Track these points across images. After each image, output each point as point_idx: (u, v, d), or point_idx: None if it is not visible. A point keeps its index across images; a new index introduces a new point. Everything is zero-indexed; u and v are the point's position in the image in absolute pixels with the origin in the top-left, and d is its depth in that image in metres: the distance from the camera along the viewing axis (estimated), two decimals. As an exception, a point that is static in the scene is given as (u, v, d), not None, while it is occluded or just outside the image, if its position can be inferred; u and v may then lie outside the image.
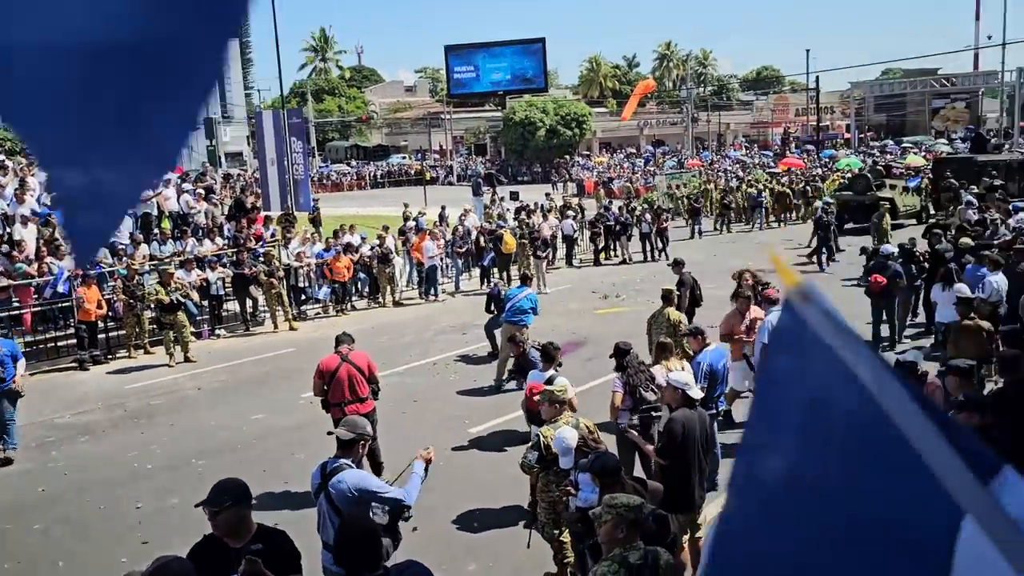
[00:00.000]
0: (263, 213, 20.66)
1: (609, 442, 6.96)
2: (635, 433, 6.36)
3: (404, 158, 65.17)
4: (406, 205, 27.28)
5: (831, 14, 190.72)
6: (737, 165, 46.17)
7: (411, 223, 21.01)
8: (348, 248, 17.96)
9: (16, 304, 14.45)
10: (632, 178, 42.46)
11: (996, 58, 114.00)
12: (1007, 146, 38.47)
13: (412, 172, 55.67)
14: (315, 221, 23.18)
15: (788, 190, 29.77)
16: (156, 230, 17.72)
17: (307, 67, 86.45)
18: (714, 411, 7.97)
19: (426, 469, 5.45)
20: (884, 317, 12.70)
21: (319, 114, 70.33)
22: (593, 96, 79.04)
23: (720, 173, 40.42)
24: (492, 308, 13.26)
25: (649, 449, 6.14)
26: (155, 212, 18.10)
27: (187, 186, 19.83)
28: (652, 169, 47.17)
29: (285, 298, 16.47)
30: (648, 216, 23.54)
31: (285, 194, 21.96)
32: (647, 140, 69.69)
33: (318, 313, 17.67)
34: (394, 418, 10.63)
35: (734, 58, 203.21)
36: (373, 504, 5.12)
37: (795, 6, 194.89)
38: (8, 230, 15.59)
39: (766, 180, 33.81)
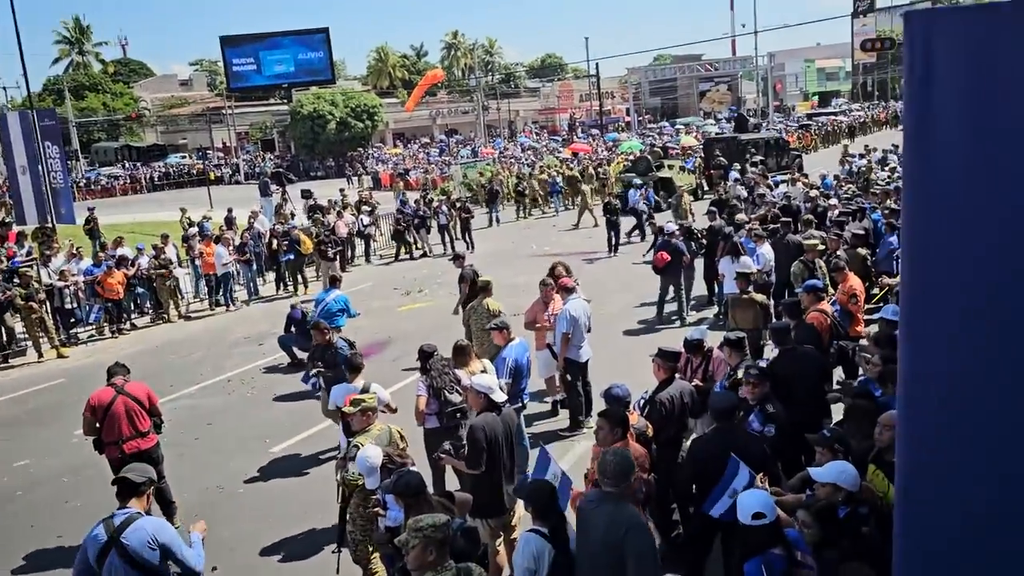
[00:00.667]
0: (16, 228, 18.34)
1: (420, 449, 6.71)
2: (448, 457, 6.15)
3: (184, 157, 60.98)
4: (183, 210, 25.47)
5: (608, 2, 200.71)
6: (529, 152, 47.31)
7: (194, 229, 19.50)
8: (122, 262, 16.32)
9: None
10: (428, 169, 42.31)
11: (751, 44, 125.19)
12: (764, 124, 42.31)
13: (194, 172, 52.16)
14: (92, 232, 20.87)
15: (578, 174, 30.87)
16: None
17: (62, 61, 78.44)
18: (519, 405, 7.95)
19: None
20: (672, 293, 13.39)
21: (81, 113, 64.22)
22: (383, 87, 78.02)
23: (512, 160, 41.21)
24: (292, 329, 12.57)
25: (460, 464, 5.96)
26: None
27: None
28: (447, 159, 47.26)
29: (49, 323, 14.70)
30: (445, 207, 23.43)
31: (43, 205, 19.67)
32: (440, 130, 69.87)
33: (91, 336, 15.94)
34: (187, 446, 9.79)
35: (519, 46, 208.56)
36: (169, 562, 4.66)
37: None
38: None
39: (557, 166, 34.87)
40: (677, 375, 6.74)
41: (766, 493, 4.42)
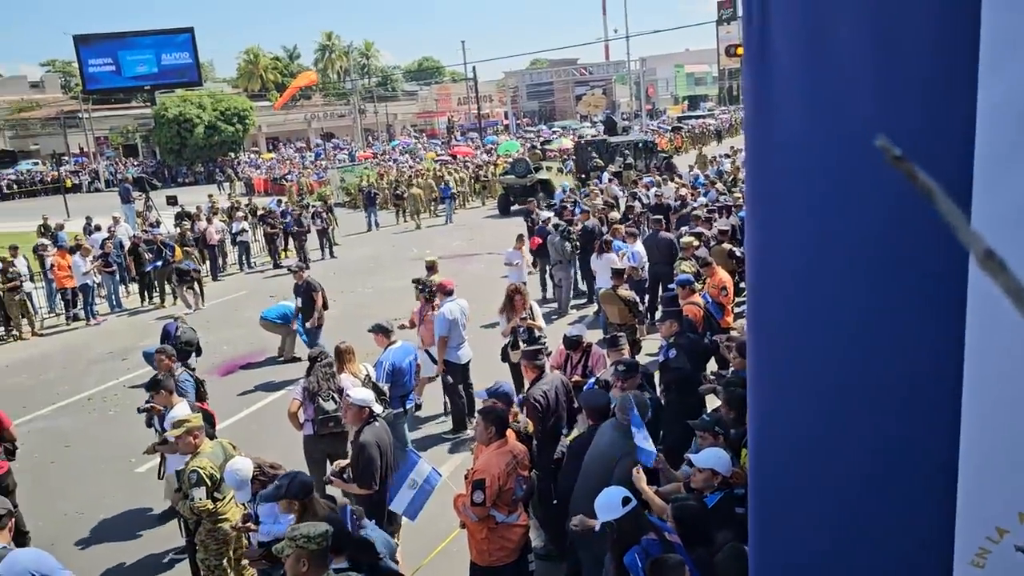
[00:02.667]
0: None
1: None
2: (339, 481, 5.94)
3: (36, 163, 57.02)
4: (45, 219, 23.88)
5: (483, 7, 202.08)
6: (407, 155, 46.94)
7: (46, 240, 18.20)
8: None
9: None
10: (303, 173, 41.26)
11: (623, 49, 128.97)
12: (635, 128, 43.57)
13: (48, 180, 48.85)
14: None
15: (462, 176, 30.91)
16: None
17: None
18: (401, 409, 7.81)
19: None
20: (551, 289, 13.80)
21: (-84, 117, 59.09)
22: (254, 89, 75.53)
23: (391, 163, 40.77)
24: (165, 343, 11.92)
25: (354, 488, 5.75)
26: None
27: None
28: (324, 163, 46.24)
29: None
30: (323, 213, 22.89)
31: None
32: (316, 134, 68.35)
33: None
34: (42, 471, 9.13)
35: (396, 49, 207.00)
36: None
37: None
38: None
39: (437, 169, 34.73)
40: (554, 370, 6.79)
41: (620, 488, 4.46)
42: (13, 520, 4.69)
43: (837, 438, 2.53)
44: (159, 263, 17.61)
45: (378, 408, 5.98)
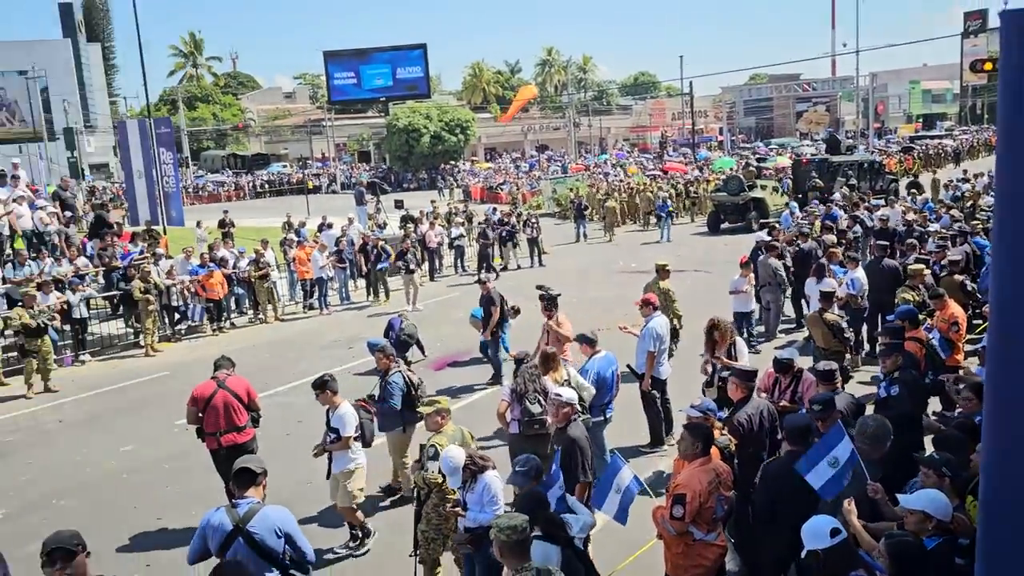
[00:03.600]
0: (129, 228, 19.48)
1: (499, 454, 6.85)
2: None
3: (285, 167, 63.37)
4: (288, 216, 26.49)
5: (703, 21, 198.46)
6: (619, 169, 47.19)
7: (292, 235, 20.27)
8: (223, 263, 17.15)
9: None
10: (517, 183, 42.74)
11: (852, 64, 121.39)
12: (860, 147, 40.97)
13: (294, 181, 54.19)
14: (227, 234, 21.58)
15: (671, 193, 30.70)
16: (9, 251, 16.43)
17: (177, 73, 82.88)
18: (601, 418, 7.99)
19: None
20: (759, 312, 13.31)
21: (192, 122, 67.58)
22: (476, 102, 79.27)
23: (601, 176, 41.20)
24: (388, 334, 12.96)
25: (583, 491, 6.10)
26: (7, 232, 16.73)
27: (41, 202, 18.42)
28: (537, 174, 47.62)
29: (156, 318, 15.58)
30: (534, 221, 23.69)
31: (155, 208, 20.87)
32: (531, 145, 70.47)
33: (194, 333, 16.79)
34: (277, 442, 10.18)
35: (613, 63, 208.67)
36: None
37: (669, 13, 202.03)
38: None
39: (649, 184, 34.63)
40: (761, 393, 6.67)
41: (829, 517, 4.32)
42: (266, 479, 5.24)
43: None
44: (384, 264, 19.05)
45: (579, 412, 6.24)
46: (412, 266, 18.23)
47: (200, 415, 7.69)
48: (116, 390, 13.27)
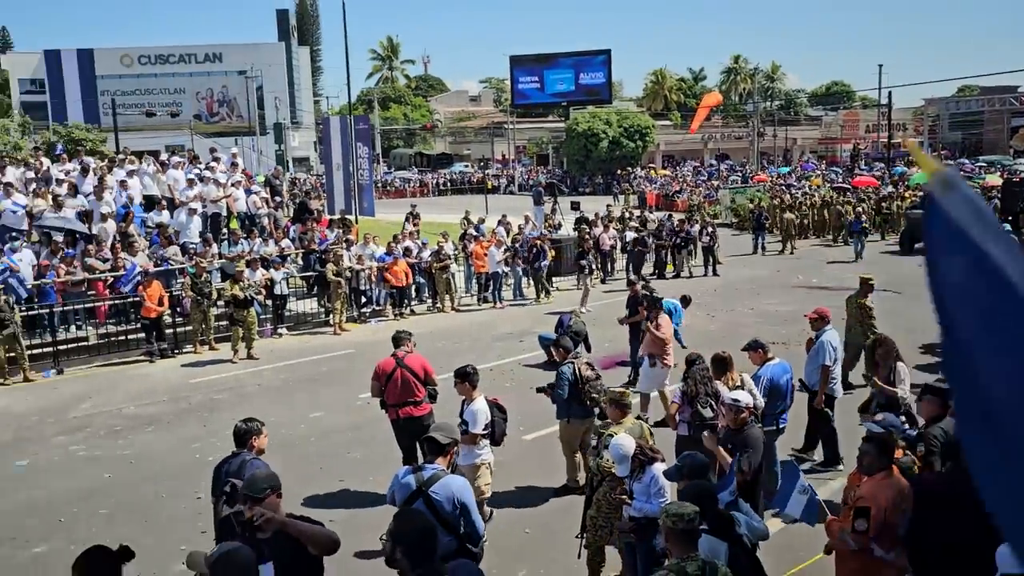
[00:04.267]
0: (327, 216, 21.05)
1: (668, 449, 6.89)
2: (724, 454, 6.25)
3: (467, 166, 65.73)
4: (468, 213, 27.55)
5: (905, 28, 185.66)
6: (805, 182, 45.19)
7: (471, 231, 21.11)
8: (407, 253, 18.18)
9: (92, 296, 15.04)
10: (695, 191, 41.99)
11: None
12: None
13: (474, 180, 56.13)
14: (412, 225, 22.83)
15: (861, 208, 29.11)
16: (225, 230, 18.23)
17: (374, 75, 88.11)
18: (774, 427, 7.81)
19: None
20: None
21: (385, 121, 71.52)
22: (657, 109, 78.51)
23: (783, 188, 39.63)
24: (558, 331, 13.28)
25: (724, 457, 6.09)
26: (224, 213, 18.60)
27: (255, 188, 20.34)
28: (716, 183, 46.55)
29: (345, 300, 16.78)
30: (710, 229, 23.27)
31: (349, 198, 22.39)
32: (711, 154, 68.89)
33: (378, 316, 17.90)
34: (450, 423, 10.70)
35: (803, 72, 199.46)
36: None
37: (868, 20, 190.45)
38: (88, 226, 16.23)
39: (836, 198, 32.95)
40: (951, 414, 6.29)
41: None
42: (456, 448, 5.53)
43: None
44: (544, 263, 19.42)
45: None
46: (590, 268, 18.47)
47: (382, 389, 8.21)
48: (308, 362, 14.43)
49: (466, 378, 7.26)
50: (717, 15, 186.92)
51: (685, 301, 13.42)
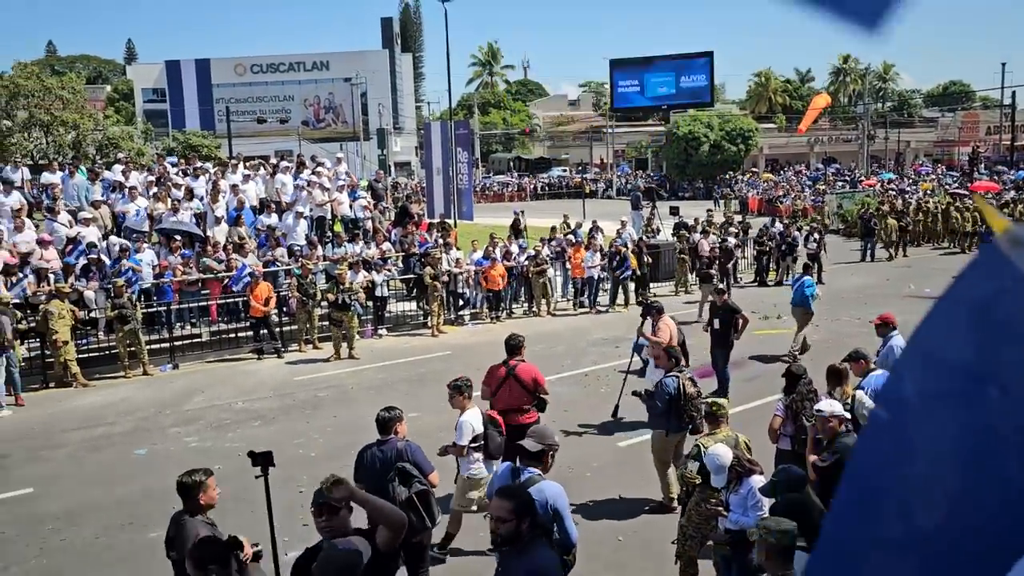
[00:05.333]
0: (427, 220, 21.46)
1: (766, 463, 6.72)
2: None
3: (564, 171, 65.74)
4: (565, 217, 27.53)
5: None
6: (917, 187, 43.13)
7: (568, 235, 21.08)
8: (506, 256, 18.33)
9: (206, 295, 15.84)
10: (800, 196, 40.68)
11: None
12: None
13: (571, 185, 56.08)
14: (516, 231, 23.08)
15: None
16: (330, 233, 18.85)
17: (475, 81, 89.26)
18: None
19: None
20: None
21: (484, 126, 72.31)
22: (761, 112, 76.48)
23: (896, 194, 37.90)
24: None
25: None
26: (329, 217, 19.24)
27: (359, 192, 20.96)
28: (822, 188, 44.95)
29: (442, 302, 17.06)
30: (816, 236, 22.51)
31: (449, 203, 22.75)
32: (817, 157, 66.59)
33: (475, 319, 18.13)
34: (546, 428, 10.72)
35: (918, 72, 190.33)
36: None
37: (990, 16, 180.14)
38: (202, 228, 17.10)
39: (951, 204, 31.31)
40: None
41: None
42: (551, 456, 5.51)
43: None
44: (626, 271, 19.14)
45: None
46: (718, 282, 17.37)
47: (493, 394, 8.20)
48: (406, 363, 14.74)
49: (459, 391, 7.27)
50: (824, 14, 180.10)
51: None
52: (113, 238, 16.24)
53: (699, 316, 16.76)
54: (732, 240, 22.10)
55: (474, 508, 7.32)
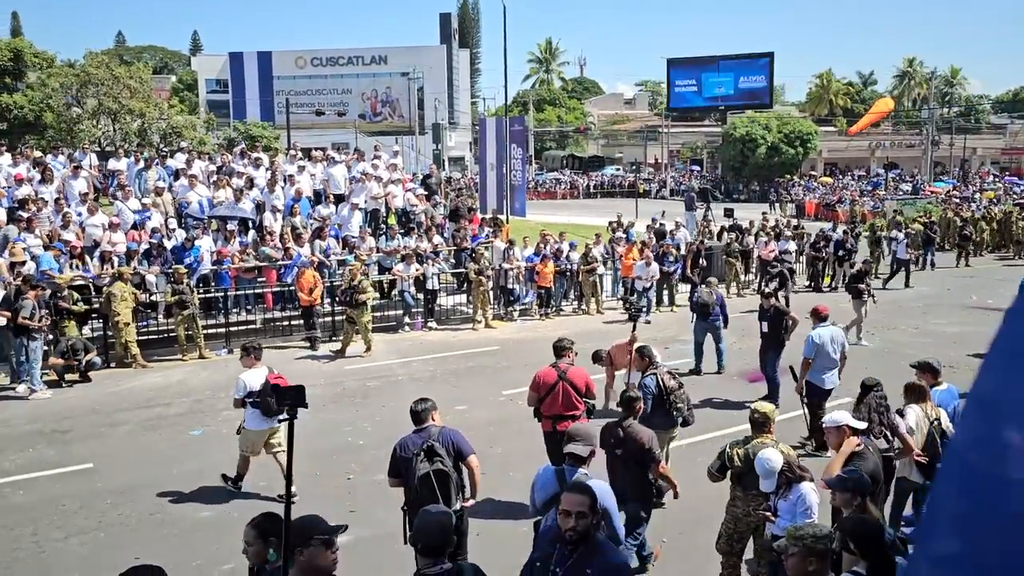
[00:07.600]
0: (479, 215, 21.55)
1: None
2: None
3: (618, 170, 65.40)
4: (619, 216, 27.37)
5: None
6: (981, 195, 41.84)
7: (620, 234, 20.95)
8: (557, 254, 18.31)
9: (262, 282, 16.17)
10: (858, 201, 39.78)
11: None
12: None
13: (625, 184, 55.74)
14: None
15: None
16: (383, 226, 19.06)
17: (531, 78, 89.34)
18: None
19: None
20: None
21: (539, 123, 72.37)
22: (821, 114, 75.00)
23: (958, 201, 36.82)
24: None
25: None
26: (383, 209, 19.45)
27: (411, 185, 21.13)
28: (882, 193, 43.90)
29: (489, 297, 17.12)
30: (908, 241, 22.18)
31: (501, 198, 22.82)
32: (878, 162, 65.01)
33: (525, 316, 18.16)
34: (589, 428, 10.71)
35: (988, 76, 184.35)
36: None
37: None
38: (261, 218, 17.44)
39: (1017, 213, 30.34)
40: None
41: None
42: (594, 453, 5.54)
43: None
44: (677, 269, 18.98)
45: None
46: (869, 291, 15.80)
47: (540, 399, 8.10)
48: (455, 356, 14.85)
49: (247, 353, 8.73)
50: (889, 16, 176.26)
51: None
52: (178, 230, 16.65)
53: (857, 339, 15.18)
54: (792, 245, 21.74)
55: (245, 454, 8.68)
